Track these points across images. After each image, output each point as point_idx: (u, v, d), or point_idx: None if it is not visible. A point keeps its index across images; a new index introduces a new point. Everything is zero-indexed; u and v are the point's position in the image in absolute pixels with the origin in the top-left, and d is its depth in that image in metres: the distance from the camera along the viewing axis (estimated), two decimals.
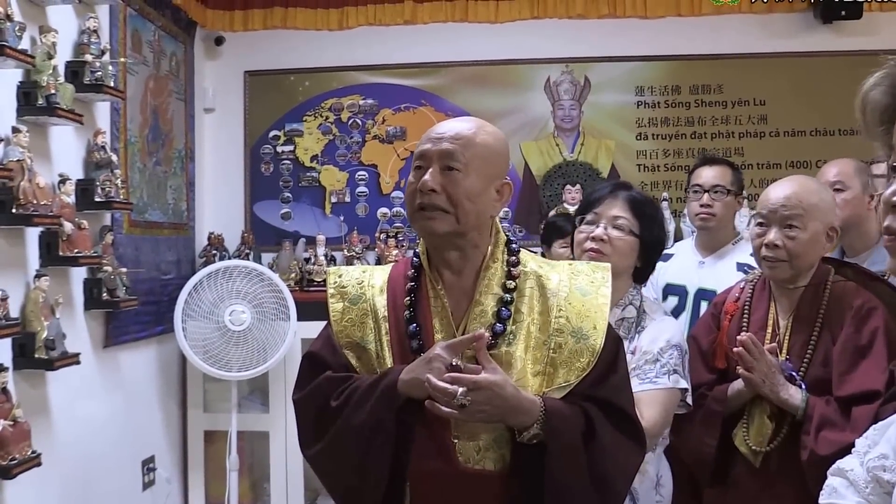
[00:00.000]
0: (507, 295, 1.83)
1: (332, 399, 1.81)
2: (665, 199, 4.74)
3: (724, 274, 3.23)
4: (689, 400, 2.44)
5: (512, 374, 1.75)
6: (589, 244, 2.42)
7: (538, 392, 1.76)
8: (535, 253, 2.06)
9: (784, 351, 2.38)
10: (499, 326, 1.80)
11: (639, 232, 2.43)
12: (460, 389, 1.66)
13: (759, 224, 2.43)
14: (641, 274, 2.50)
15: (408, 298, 1.87)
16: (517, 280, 1.84)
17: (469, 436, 1.76)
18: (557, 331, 1.81)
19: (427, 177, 1.79)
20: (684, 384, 2.38)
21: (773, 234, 2.37)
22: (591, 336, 1.81)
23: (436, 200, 1.79)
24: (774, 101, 4.95)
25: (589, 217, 2.47)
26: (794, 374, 2.33)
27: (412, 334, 1.82)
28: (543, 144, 5.03)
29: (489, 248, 1.87)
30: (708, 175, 3.37)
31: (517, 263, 1.87)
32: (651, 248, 2.46)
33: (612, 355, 1.85)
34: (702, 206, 3.34)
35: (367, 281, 1.95)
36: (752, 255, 2.57)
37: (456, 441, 1.76)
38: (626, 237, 2.42)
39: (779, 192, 2.41)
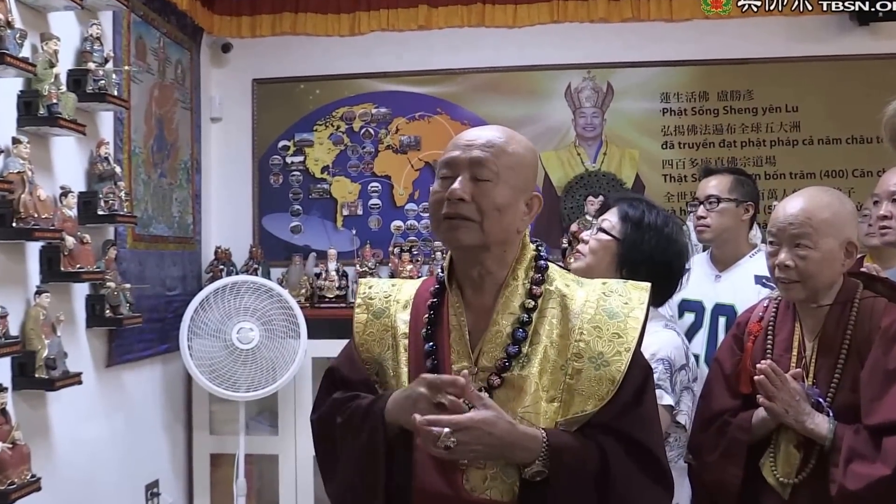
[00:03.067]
0: (526, 315, 1.80)
1: (335, 426, 1.86)
2: (691, 212, 4.70)
3: (741, 288, 3.22)
4: (683, 419, 2.45)
5: (524, 399, 1.75)
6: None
7: (553, 419, 1.75)
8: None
9: (810, 375, 2.34)
10: (512, 348, 1.78)
11: (618, 235, 2.48)
12: (445, 430, 1.64)
13: (771, 243, 2.41)
14: (659, 293, 2.47)
15: (426, 315, 1.87)
16: (539, 300, 1.82)
17: (477, 463, 1.74)
18: (576, 355, 1.77)
19: (456, 185, 1.77)
20: (668, 400, 2.38)
21: (783, 255, 2.35)
22: (613, 363, 1.76)
23: (463, 210, 1.77)
24: (807, 107, 4.93)
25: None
26: (820, 400, 2.29)
27: (427, 353, 1.82)
28: (564, 154, 5.04)
29: (513, 264, 1.85)
30: (704, 186, 3.42)
31: (541, 282, 1.84)
32: (640, 259, 2.45)
33: (639, 386, 1.79)
34: (698, 217, 3.39)
35: (393, 296, 1.96)
36: (769, 273, 2.55)
37: (464, 468, 1.75)
38: (601, 236, 2.50)
39: (787, 208, 2.38)
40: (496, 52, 5.02)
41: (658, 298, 2.53)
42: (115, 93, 3.51)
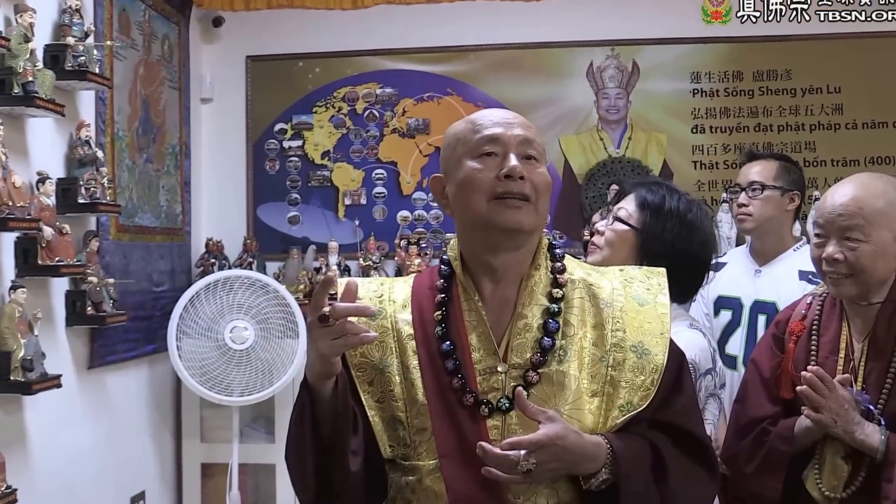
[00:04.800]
0: (554, 305, 1.82)
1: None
2: (725, 201, 4.67)
3: (784, 284, 3.23)
4: (708, 429, 2.41)
5: (566, 395, 1.76)
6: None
7: (596, 415, 1.77)
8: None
9: (859, 380, 2.32)
10: (547, 341, 1.78)
11: (636, 224, 2.46)
12: (522, 453, 1.65)
13: (817, 234, 2.39)
14: (683, 288, 2.47)
15: (439, 313, 1.85)
16: (564, 288, 1.85)
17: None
18: (615, 346, 1.80)
19: (514, 161, 1.78)
20: None
21: (831, 247, 2.32)
22: (654, 351, 1.81)
23: (525, 188, 1.78)
24: (851, 88, 4.89)
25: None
26: (871, 407, 2.27)
27: (446, 353, 1.81)
28: (586, 139, 5.01)
29: (534, 252, 1.87)
30: (747, 172, 3.43)
31: (563, 270, 1.87)
32: (661, 250, 2.42)
33: (676, 373, 1.84)
34: (739, 205, 3.39)
35: (386, 295, 1.93)
36: (815, 267, 2.52)
37: None
38: (618, 226, 2.49)
39: (837, 197, 2.35)
40: (512, 28, 4.99)
41: (683, 293, 2.52)
42: (97, 70, 3.50)
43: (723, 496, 2.54)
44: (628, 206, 2.51)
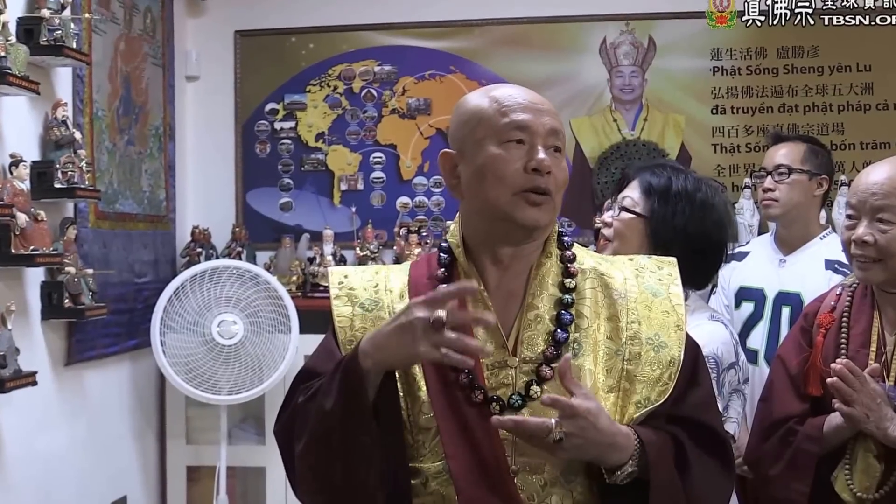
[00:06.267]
0: (567, 296, 1.84)
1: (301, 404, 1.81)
2: (747, 187, 4.67)
3: (810, 274, 3.25)
4: (732, 427, 2.44)
5: None
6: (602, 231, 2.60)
7: (612, 412, 1.78)
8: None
9: (891, 374, 2.34)
10: (560, 334, 1.80)
11: (644, 211, 2.50)
12: (553, 421, 1.67)
13: (849, 216, 2.42)
14: (700, 272, 2.52)
15: None
16: (576, 279, 1.86)
17: (531, 468, 1.76)
18: (631, 339, 1.83)
19: (543, 155, 1.79)
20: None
21: (861, 229, 2.35)
22: (670, 344, 1.84)
23: (550, 184, 1.80)
24: (882, 66, 4.87)
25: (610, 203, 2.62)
26: None
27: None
28: (598, 120, 5.00)
29: (545, 241, 1.88)
30: (773, 154, 3.46)
31: (574, 259, 1.89)
32: (673, 236, 2.46)
33: (692, 366, 1.87)
34: (764, 190, 3.43)
35: (382, 284, 1.94)
36: (844, 251, 2.55)
37: (515, 474, 1.75)
38: (625, 216, 2.53)
39: (872, 176, 2.39)
40: (520, 1, 4.98)
41: (700, 279, 2.56)
42: (74, 45, 3.48)
43: (744, 500, 2.55)
44: (633, 194, 2.55)
